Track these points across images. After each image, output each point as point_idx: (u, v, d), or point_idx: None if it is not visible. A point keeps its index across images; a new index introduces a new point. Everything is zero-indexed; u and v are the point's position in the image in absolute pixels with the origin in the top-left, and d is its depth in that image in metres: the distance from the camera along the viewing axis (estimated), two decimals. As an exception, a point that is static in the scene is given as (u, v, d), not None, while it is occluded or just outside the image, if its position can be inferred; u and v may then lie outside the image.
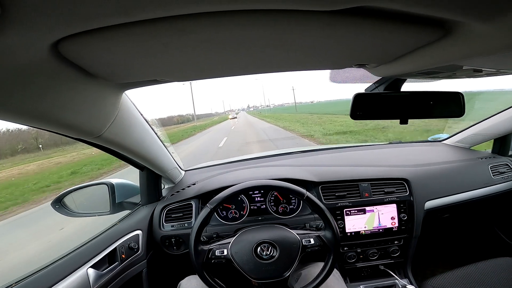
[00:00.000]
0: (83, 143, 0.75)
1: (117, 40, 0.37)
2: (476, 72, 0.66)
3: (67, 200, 1.17)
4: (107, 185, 1.18)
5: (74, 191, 1.18)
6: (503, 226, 1.56)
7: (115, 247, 0.99)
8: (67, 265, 0.86)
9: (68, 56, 0.41)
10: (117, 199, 1.18)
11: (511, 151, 1.51)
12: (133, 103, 0.85)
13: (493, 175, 1.36)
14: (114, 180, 1.20)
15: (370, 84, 0.76)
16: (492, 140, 1.53)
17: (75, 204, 1.19)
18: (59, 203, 1.15)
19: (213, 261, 0.88)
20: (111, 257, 0.98)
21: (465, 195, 1.30)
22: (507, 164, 1.41)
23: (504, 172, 1.38)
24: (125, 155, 0.93)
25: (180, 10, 0.32)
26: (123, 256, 1.01)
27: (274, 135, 12.51)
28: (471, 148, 1.57)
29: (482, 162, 1.42)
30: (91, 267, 0.88)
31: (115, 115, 0.70)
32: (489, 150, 1.56)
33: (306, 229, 1.03)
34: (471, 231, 1.73)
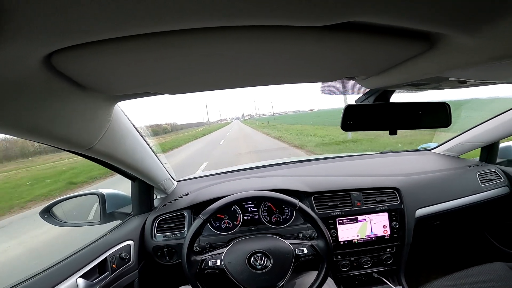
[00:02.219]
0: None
1: (109, 53, 0.37)
2: (461, 83, 0.68)
3: (56, 210, 1.15)
4: (97, 195, 1.16)
5: (63, 201, 1.16)
6: (493, 231, 1.58)
7: (106, 257, 0.98)
8: (56, 274, 0.84)
9: (61, 68, 0.41)
10: (108, 209, 1.16)
11: (498, 159, 1.56)
12: (125, 114, 0.84)
13: (481, 183, 1.39)
14: (105, 191, 1.18)
15: (361, 95, 0.78)
16: (480, 149, 1.56)
17: (64, 214, 1.17)
18: (47, 213, 1.12)
19: (206, 271, 0.87)
20: (101, 267, 0.96)
21: (455, 202, 1.33)
22: (495, 172, 1.45)
23: (492, 180, 1.42)
24: (116, 166, 0.93)
25: (171, 26, 0.32)
26: (114, 266, 0.99)
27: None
28: (459, 156, 1.60)
29: (470, 170, 1.45)
30: (80, 277, 0.87)
31: (107, 127, 0.70)
32: (477, 158, 1.59)
33: (299, 239, 1.03)
34: (463, 237, 1.75)
